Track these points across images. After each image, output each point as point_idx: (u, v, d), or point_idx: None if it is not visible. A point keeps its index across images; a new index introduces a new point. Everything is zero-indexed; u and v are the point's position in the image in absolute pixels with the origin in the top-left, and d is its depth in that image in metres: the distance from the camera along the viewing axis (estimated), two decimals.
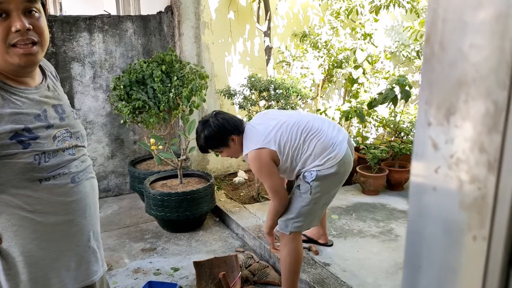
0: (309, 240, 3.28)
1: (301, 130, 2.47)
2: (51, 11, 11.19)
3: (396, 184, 4.43)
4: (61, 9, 9.58)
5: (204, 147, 2.59)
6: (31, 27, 1.26)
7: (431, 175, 0.45)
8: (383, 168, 4.41)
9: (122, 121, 4.10)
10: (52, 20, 4.11)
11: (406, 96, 4.08)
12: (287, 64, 4.71)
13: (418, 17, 4.83)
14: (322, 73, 4.57)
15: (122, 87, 3.95)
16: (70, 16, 4.23)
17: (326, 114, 4.50)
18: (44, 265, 1.40)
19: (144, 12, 5.54)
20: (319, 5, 4.91)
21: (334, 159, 2.44)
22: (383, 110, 4.92)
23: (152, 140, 3.85)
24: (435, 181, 0.44)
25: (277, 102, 4.04)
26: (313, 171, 2.45)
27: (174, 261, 3.32)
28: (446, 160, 0.43)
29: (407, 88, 4.09)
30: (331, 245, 3.29)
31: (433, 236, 0.46)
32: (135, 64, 4.19)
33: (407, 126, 4.82)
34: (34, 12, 1.29)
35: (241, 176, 4.78)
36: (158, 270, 3.19)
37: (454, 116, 0.42)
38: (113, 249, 3.51)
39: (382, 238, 3.40)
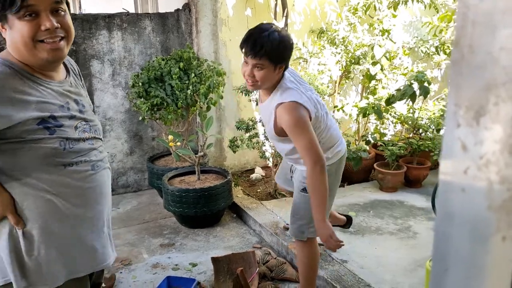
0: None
1: (327, 114, 2.33)
2: (71, 10, 11.35)
3: (414, 181, 4.39)
4: (80, 7, 9.71)
5: (272, 46, 2.00)
6: (59, 25, 1.34)
7: (460, 176, 0.45)
8: (401, 165, 4.37)
9: (140, 118, 4.15)
10: (73, 19, 4.13)
11: (425, 92, 4.04)
12: (304, 61, 4.70)
13: (438, 12, 4.77)
14: (339, 70, 4.55)
15: (140, 84, 4.00)
16: (90, 14, 4.29)
17: (343, 111, 4.48)
18: (64, 247, 1.47)
19: (162, 9, 5.58)
20: (337, 1, 4.88)
21: (340, 153, 2.44)
22: (401, 107, 4.87)
23: (170, 137, 3.89)
24: (464, 182, 0.45)
25: None
26: None
27: (192, 256, 3.36)
28: (475, 162, 0.44)
29: (425, 84, 4.05)
30: (350, 218, 3.32)
31: (460, 237, 0.46)
32: (153, 61, 4.23)
33: (425, 123, 4.77)
34: (61, 11, 1.36)
35: (258, 172, 4.79)
36: (176, 265, 3.23)
37: (484, 118, 0.43)
38: (133, 244, 3.56)
39: (400, 236, 3.39)
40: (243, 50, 2.03)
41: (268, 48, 1.98)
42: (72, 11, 9.15)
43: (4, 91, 1.31)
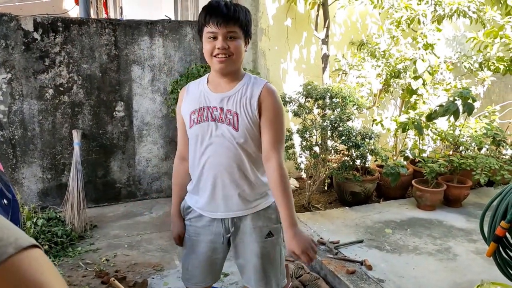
0: None
1: None
2: (111, 15, 11.62)
3: (454, 200, 4.24)
4: (121, 13, 9.93)
5: (243, 11, 1.69)
6: None
7: None
8: (440, 183, 4.24)
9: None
10: (116, 24, 4.25)
11: (469, 109, 3.90)
12: (343, 73, 4.64)
13: (484, 27, 4.62)
14: (380, 83, 4.47)
15: (179, 90, 4.02)
16: (133, 21, 4.35)
17: (382, 125, 4.38)
18: None
19: None
20: (379, 13, 4.81)
21: None
22: (441, 123, 4.74)
23: None
24: None
25: (333, 111, 3.97)
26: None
27: (225, 266, 3.31)
28: None
29: (470, 101, 3.91)
30: None
31: None
32: (192, 68, 4.26)
33: (466, 140, 4.62)
34: None
35: (292, 183, 4.74)
36: None
37: None
38: (165, 250, 3.56)
39: (439, 257, 3.26)
40: (211, 21, 1.63)
41: (242, 14, 1.67)
42: (113, 16, 9.37)
43: None
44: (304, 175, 4.59)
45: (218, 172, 1.74)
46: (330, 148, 4.07)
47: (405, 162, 4.42)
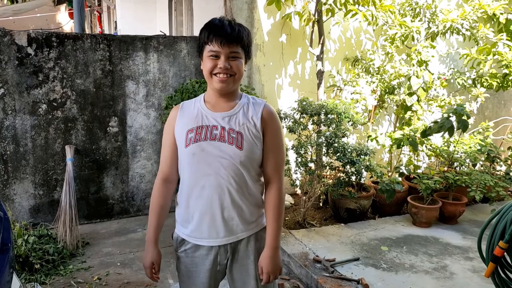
0: None
1: None
2: (106, 29, 11.64)
3: (449, 217, 4.22)
4: (116, 27, 9.93)
5: (246, 32, 1.68)
6: None
7: None
8: (435, 200, 4.22)
9: None
10: (111, 39, 4.23)
11: (464, 126, 3.91)
12: (338, 89, 4.65)
13: (477, 44, 4.66)
14: (374, 99, 4.47)
15: (174, 106, 4.00)
16: (128, 36, 4.34)
17: (377, 141, 4.38)
18: None
19: (197, 32, 5.64)
20: (373, 30, 4.84)
21: None
22: (436, 139, 4.74)
23: None
24: None
25: (328, 127, 3.97)
26: None
27: (220, 284, 3.26)
28: None
29: (464, 117, 3.92)
30: None
31: None
32: (187, 83, 4.24)
33: (461, 156, 4.62)
34: None
35: (287, 200, 4.70)
36: None
37: None
38: None
39: (436, 275, 3.23)
40: (214, 40, 1.60)
41: (245, 35, 1.66)
42: (107, 30, 9.34)
43: None
44: (299, 192, 4.56)
45: (218, 194, 1.67)
46: (325, 165, 4.05)
47: (400, 179, 4.41)
